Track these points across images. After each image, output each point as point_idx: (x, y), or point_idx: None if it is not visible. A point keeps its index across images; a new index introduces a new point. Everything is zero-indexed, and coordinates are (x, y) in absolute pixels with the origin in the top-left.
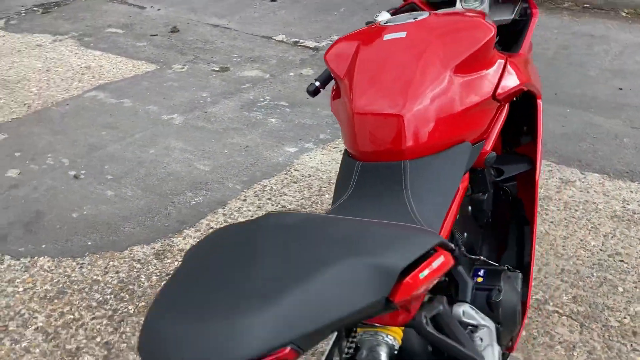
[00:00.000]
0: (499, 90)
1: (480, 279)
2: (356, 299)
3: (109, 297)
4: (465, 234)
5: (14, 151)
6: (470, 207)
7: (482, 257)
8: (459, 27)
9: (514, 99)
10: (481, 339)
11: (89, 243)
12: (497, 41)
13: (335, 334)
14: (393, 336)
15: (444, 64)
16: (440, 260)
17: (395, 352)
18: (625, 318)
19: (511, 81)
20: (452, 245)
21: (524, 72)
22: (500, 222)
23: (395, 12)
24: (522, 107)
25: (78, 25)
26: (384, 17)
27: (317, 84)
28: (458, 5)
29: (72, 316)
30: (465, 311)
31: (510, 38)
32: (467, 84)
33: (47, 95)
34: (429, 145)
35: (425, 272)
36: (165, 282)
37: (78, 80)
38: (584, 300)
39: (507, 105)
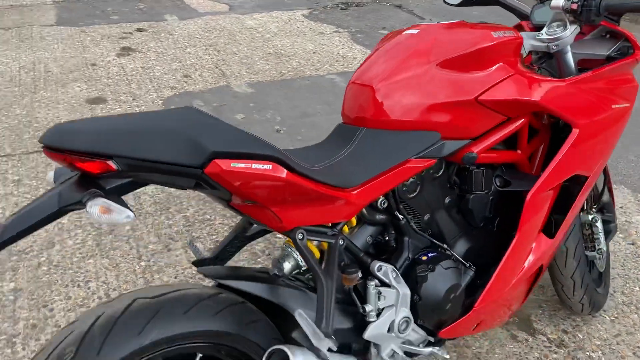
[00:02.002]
0: (484, 96)
1: (424, 257)
2: (172, 153)
3: None
4: (427, 216)
5: (251, 102)
6: (449, 199)
7: (446, 247)
8: (465, 31)
9: (541, 120)
10: (382, 296)
11: None
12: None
13: None
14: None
15: (432, 57)
16: (264, 167)
17: (301, 270)
18: None
19: (506, 92)
20: (300, 170)
21: (543, 93)
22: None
23: None
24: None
25: (359, 23)
26: None
27: None
28: (543, 31)
29: None
30: (383, 269)
31: None
32: (449, 79)
33: (300, 70)
34: (390, 121)
35: (240, 165)
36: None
37: (330, 64)
38: None
39: (522, 121)
